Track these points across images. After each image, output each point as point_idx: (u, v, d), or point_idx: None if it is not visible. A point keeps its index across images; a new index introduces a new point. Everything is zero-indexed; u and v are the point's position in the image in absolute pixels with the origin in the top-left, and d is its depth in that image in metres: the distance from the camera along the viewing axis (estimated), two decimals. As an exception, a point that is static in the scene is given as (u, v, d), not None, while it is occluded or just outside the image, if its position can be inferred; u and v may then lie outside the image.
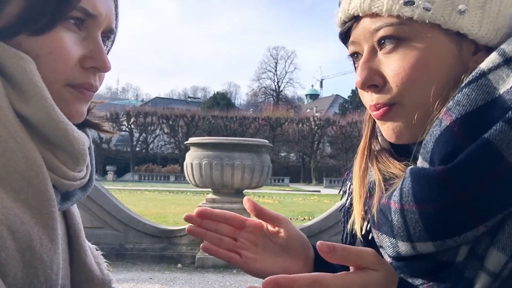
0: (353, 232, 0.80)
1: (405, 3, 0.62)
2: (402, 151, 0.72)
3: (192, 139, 6.69)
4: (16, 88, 0.59)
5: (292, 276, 0.50)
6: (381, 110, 0.67)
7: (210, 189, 6.61)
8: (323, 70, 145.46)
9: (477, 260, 0.57)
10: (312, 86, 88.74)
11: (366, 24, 0.67)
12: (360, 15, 0.67)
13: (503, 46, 0.60)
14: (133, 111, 47.83)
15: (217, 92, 70.29)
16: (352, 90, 68.26)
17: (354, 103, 64.86)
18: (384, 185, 0.69)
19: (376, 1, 0.64)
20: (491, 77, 0.58)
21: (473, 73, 0.59)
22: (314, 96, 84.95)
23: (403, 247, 0.60)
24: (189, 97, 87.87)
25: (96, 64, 0.65)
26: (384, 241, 0.64)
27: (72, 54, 0.63)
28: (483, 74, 0.58)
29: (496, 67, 0.58)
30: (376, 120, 0.70)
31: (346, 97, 70.92)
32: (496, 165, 0.53)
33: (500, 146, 0.53)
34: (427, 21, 0.62)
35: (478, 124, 0.56)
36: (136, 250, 6.38)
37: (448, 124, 0.58)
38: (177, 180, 36.96)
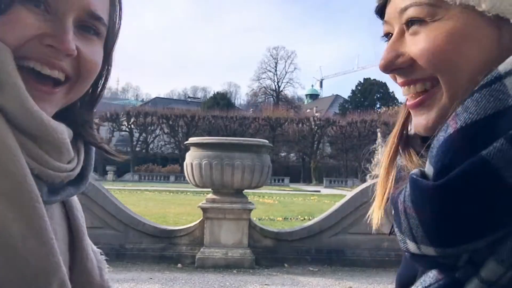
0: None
1: None
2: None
3: (192, 139, 6.70)
4: None
5: None
6: (418, 99, 0.63)
7: (210, 189, 6.61)
8: (323, 70, 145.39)
9: (471, 265, 0.55)
10: (312, 86, 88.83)
11: (396, 2, 0.63)
12: None
13: None
14: (133, 111, 47.90)
15: (217, 92, 70.35)
16: (352, 90, 68.27)
17: (354, 103, 64.86)
18: (400, 178, 0.66)
19: None
20: (508, 82, 0.52)
21: (488, 76, 0.53)
22: (314, 96, 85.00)
23: (410, 246, 0.60)
24: (189, 97, 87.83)
25: (54, 43, 0.62)
26: (398, 235, 0.63)
27: (28, 28, 0.60)
28: (499, 78, 0.52)
29: None
30: (411, 110, 0.66)
31: (346, 97, 70.94)
32: (492, 187, 0.49)
33: (498, 166, 0.48)
34: (457, 3, 0.57)
35: (483, 136, 0.51)
36: (136, 250, 6.38)
37: (451, 132, 0.54)
38: (177, 180, 36.98)
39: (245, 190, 6.59)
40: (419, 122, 0.65)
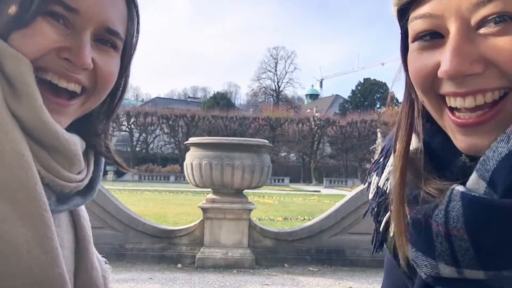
0: (385, 237, 0.70)
1: None
2: (441, 161, 0.59)
3: (192, 139, 6.69)
4: (12, 87, 0.59)
5: None
6: (484, 117, 0.52)
7: (210, 189, 6.61)
8: (323, 70, 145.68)
9: None
10: (312, 86, 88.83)
11: None
12: None
13: None
14: (133, 111, 47.89)
15: (217, 92, 70.44)
16: (352, 90, 68.27)
17: (354, 103, 64.86)
18: (415, 197, 0.58)
19: None
20: None
21: None
22: (314, 96, 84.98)
23: (447, 270, 0.53)
24: (189, 97, 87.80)
25: (70, 56, 0.64)
26: (419, 258, 0.56)
27: (46, 41, 0.62)
28: None
29: None
30: (462, 128, 0.54)
31: (346, 97, 70.95)
32: None
33: None
34: None
35: None
36: (136, 250, 6.38)
37: None
38: (177, 180, 36.98)
39: (245, 190, 6.59)
40: (480, 143, 0.54)
